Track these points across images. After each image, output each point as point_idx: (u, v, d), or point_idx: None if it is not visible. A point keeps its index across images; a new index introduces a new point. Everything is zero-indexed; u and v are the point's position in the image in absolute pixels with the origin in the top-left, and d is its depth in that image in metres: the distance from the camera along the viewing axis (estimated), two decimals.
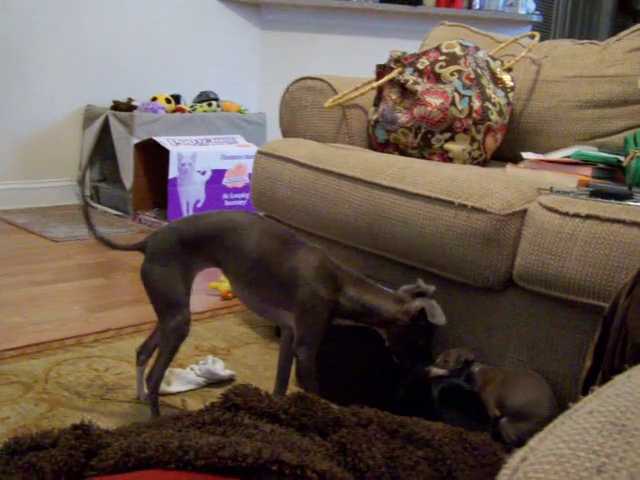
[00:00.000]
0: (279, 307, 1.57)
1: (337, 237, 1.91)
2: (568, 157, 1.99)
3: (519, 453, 0.59)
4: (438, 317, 1.47)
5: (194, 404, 1.74)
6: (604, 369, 1.24)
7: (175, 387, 1.82)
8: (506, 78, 2.21)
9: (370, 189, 1.80)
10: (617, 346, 1.22)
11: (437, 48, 2.15)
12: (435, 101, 2.03)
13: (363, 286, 1.55)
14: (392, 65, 2.14)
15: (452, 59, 2.10)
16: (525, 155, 2.07)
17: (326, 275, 1.54)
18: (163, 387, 1.81)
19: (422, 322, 1.51)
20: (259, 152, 2.12)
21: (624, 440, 0.55)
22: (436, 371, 1.62)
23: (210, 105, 4.08)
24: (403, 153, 2.09)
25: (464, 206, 1.62)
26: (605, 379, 1.14)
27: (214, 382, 1.87)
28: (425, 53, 2.15)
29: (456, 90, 2.05)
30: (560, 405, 1.47)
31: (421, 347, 1.56)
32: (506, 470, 0.58)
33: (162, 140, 3.51)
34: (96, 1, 3.85)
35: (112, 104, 3.84)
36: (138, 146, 3.60)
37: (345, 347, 1.75)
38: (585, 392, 1.21)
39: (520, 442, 1.30)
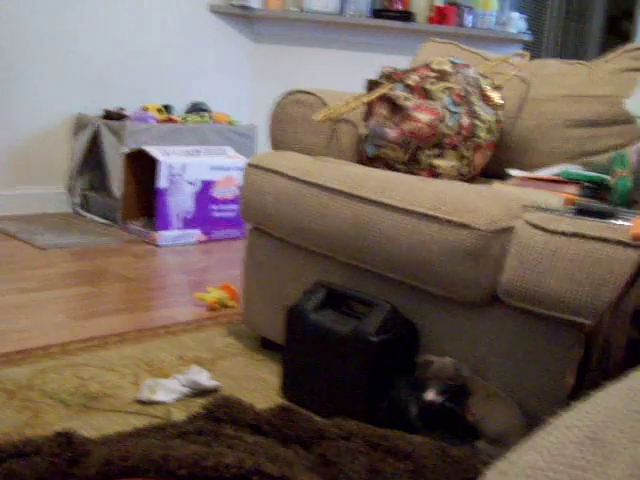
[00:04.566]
0: None
1: (322, 250, 1.92)
2: (555, 175, 2.01)
3: (498, 467, 0.60)
4: None
5: (178, 414, 1.74)
6: (587, 387, 1.24)
7: (159, 396, 1.81)
8: (495, 96, 2.23)
9: (356, 202, 1.81)
10: (600, 364, 1.23)
11: (427, 65, 2.17)
12: (424, 117, 2.05)
13: None
14: (383, 81, 2.16)
15: (442, 76, 2.12)
16: (512, 172, 2.09)
17: None
18: (147, 396, 1.81)
19: None
20: (249, 164, 2.13)
21: (601, 454, 0.56)
22: (433, 398, 1.56)
23: (202, 116, 4.09)
24: (392, 168, 2.10)
25: (450, 221, 1.63)
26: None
27: (199, 392, 1.87)
28: (415, 69, 2.16)
29: (445, 107, 2.06)
30: (534, 421, 1.47)
31: None
32: None
33: (152, 150, 3.52)
34: (89, 11, 3.87)
35: (103, 113, 3.84)
36: (128, 155, 3.61)
37: (329, 360, 1.75)
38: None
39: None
